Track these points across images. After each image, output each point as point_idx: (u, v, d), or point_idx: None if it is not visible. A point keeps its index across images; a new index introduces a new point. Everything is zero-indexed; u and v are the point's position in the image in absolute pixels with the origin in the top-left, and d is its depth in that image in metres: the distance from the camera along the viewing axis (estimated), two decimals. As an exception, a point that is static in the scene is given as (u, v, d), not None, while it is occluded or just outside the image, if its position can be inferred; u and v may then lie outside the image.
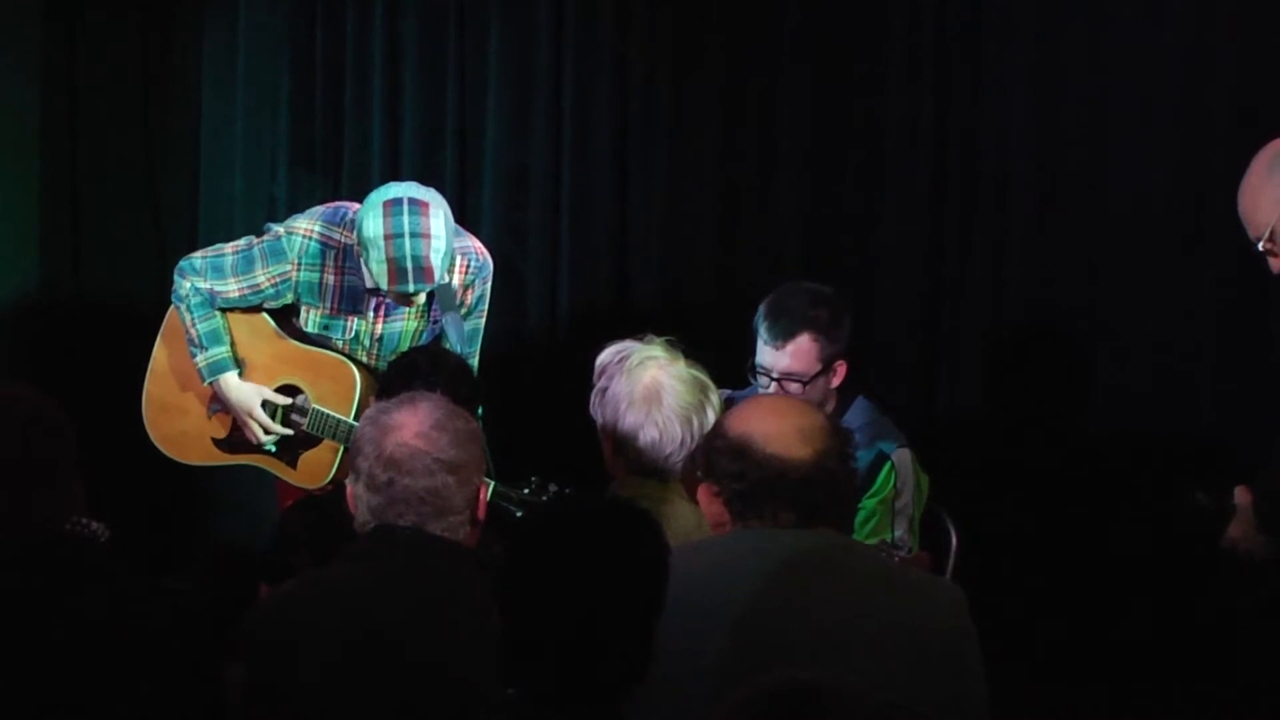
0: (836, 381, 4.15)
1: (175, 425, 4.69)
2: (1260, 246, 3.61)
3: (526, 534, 2.55)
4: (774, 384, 4.11)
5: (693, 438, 3.45)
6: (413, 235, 4.22)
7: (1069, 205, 5.08)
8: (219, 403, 4.61)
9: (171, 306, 4.63)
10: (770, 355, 4.12)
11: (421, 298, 4.40)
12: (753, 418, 2.95)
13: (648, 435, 3.47)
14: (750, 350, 4.18)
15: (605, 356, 3.61)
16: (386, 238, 4.23)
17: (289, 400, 4.53)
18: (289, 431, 4.53)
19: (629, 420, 3.48)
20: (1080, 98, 5.04)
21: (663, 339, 3.59)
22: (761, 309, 4.17)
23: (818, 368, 4.11)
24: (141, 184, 5.85)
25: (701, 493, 3.00)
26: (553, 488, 3.99)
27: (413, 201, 4.27)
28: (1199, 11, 4.91)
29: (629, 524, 2.52)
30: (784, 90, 5.29)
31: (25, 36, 5.71)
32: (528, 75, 5.48)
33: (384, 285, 4.28)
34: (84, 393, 4.93)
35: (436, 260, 4.25)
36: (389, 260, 4.23)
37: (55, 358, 5.65)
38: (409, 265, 4.23)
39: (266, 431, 4.53)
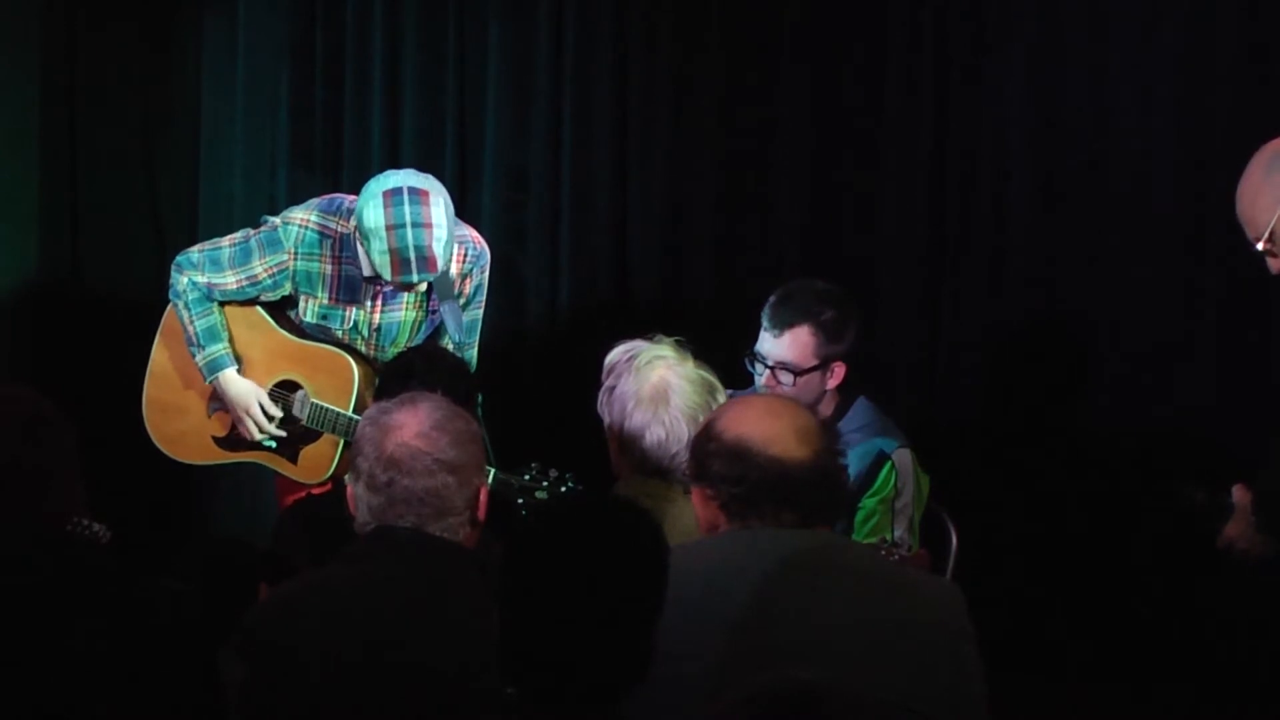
0: (833, 383, 4.14)
1: (175, 425, 4.69)
2: (1259, 247, 3.61)
3: (526, 534, 2.54)
4: (767, 372, 4.11)
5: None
6: (414, 225, 4.23)
7: (1068, 205, 5.08)
8: (218, 401, 4.61)
9: (170, 306, 4.64)
10: (768, 342, 4.13)
11: (422, 285, 4.40)
12: (747, 420, 2.94)
13: (654, 435, 3.46)
14: (752, 345, 4.19)
15: (614, 355, 3.60)
16: (388, 228, 4.23)
17: (280, 414, 4.54)
18: (283, 434, 4.54)
19: (635, 419, 3.47)
20: (1080, 98, 5.04)
21: (672, 339, 3.59)
22: (770, 298, 4.18)
23: (813, 362, 4.11)
24: (141, 184, 5.85)
25: (696, 496, 3.00)
26: (553, 473, 4.01)
27: (413, 191, 4.27)
28: (1199, 11, 4.91)
29: (628, 524, 2.52)
30: (784, 90, 5.30)
31: (25, 36, 5.70)
32: (528, 75, 5.48)
33: (387, 276, 4.29)
34: (84, 393, 4.94)
35: (439, 249, 4.25)
36: (391, 251, 4.24)
37: (55, 358, 5.65)
38: (412, 255, 4.23)
39: (261, 430, 4.54)
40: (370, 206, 4.27)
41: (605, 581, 2.44)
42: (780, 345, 4.11)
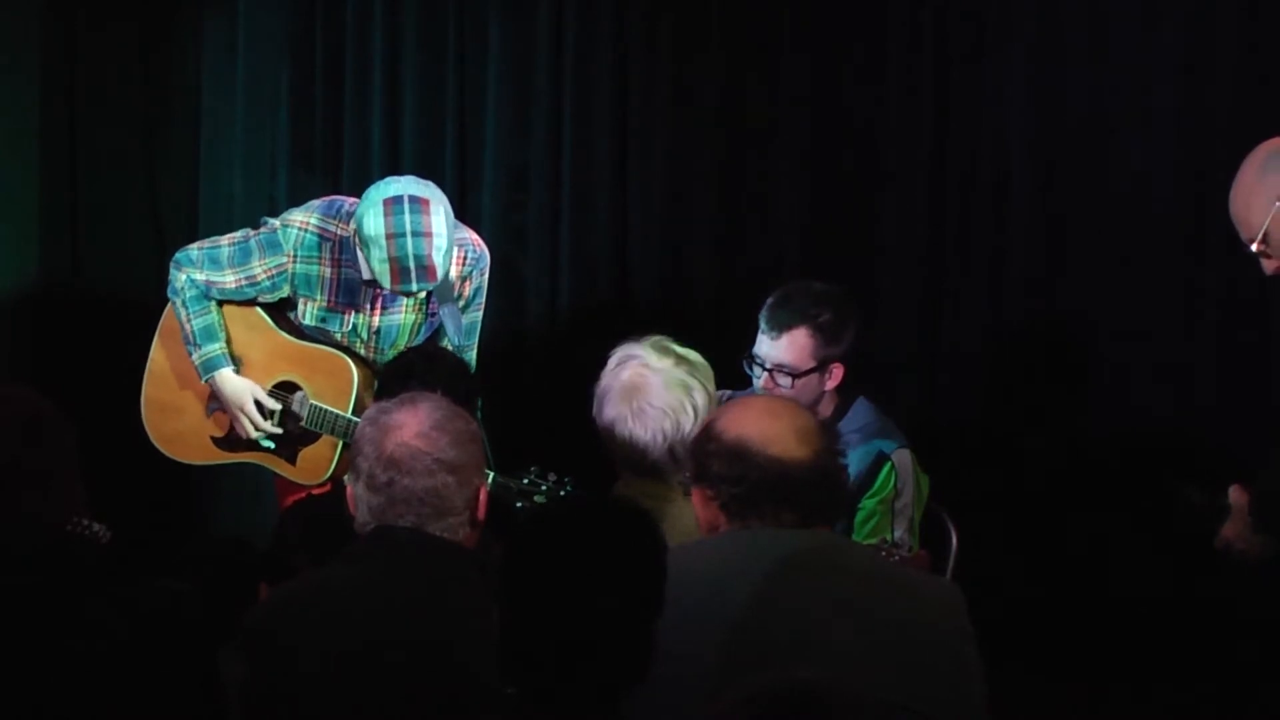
0: (831, 384, 4.14)
1: (174, 425, 4.69)
2: (1254, 248, 3.60)
3: (526, 534, 2.55)
4: (765, 374, 4.11)
5: (665, 437, 3.47)
6: (414, 234, 4.23)
7: (1068, 206, 5.08)
8: (217, 400, 4.61)
9: (168, 306, 4.64)
10: (766, 345, 4.12)
11: (421, 293, 4.40)
12: (747, 420, 2.95)
13: (624, 430, 3.51)
14: (749, 347, 4.19)
15: (611, 356, 3.65)
16: (388, 237, 4.23)
17: (279, 406, 4.54)
18: (279, 430, 4.53)
19: (607, 415, 3.54)
20: (1080, 98, 5.04)
21: (654, 339, 3.61)
22: (768, 300, 4.18)
23: (811, 364, 4.10)
24: (141, 184, 5.85)
25: (696, 497, 3.00)
26: (552, 477, 4.01)
27: (413, 199, 4.27)
28: (1199, 11, 4.91)
29: (627, 524, 2.52)
30: (784, 90, 5.30)
31: (25, 36, 5.71)
32: (528, 75, 5.48)
33: (386, 284, 4.29)
34: (84, 393, 4.93)
35: (439, 258, 4.25)
36: (391, 260, 4.24)
37: (55, 358, 5.65)
38: (411, 265, 4.23)
39: (257, 428, 4.53)
40: (370, 214, 4.26)
41: (605, 581, 2.44)
42: (778, 348, 4.11)
